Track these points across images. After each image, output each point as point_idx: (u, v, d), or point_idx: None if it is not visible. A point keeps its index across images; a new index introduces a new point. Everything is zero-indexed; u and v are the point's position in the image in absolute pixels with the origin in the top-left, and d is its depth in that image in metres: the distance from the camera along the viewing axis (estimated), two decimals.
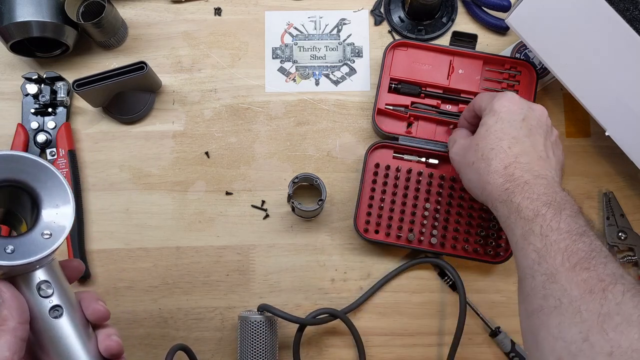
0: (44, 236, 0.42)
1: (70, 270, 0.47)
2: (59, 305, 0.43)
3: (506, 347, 0.67)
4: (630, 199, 0.71)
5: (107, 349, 0.44)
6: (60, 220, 0.43)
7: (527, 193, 0.50)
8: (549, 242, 0.46)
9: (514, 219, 0.50)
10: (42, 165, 0.43)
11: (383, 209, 0.68)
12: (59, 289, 0.43)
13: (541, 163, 0.54)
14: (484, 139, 0.56)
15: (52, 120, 0.70)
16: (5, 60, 0.73)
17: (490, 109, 0.57)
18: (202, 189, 0.71)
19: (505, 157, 0.54)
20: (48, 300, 0.43)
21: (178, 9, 0.75)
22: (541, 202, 0.49)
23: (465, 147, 0.59)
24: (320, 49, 0.74)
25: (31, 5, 0.64)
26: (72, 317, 0.43)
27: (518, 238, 0.49)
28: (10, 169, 0.42)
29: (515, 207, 0.50)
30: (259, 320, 0.62)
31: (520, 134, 0.55)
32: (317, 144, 0.72)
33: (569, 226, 0.47)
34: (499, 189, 0.52)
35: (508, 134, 0.55)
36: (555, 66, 0.62)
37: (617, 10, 0.57)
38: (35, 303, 0.42)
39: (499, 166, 0.53)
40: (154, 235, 0.70)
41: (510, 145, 0.54)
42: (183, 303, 0.69)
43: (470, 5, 0.75)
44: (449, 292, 0.69)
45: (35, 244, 0.41)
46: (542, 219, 0.48)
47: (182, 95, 0.73)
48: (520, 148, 0.54)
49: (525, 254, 0.48)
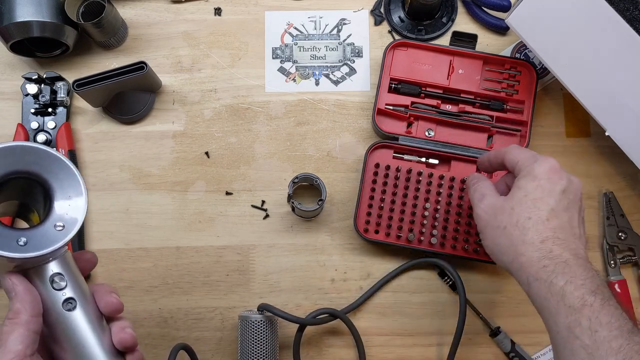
0: (57, 228, 0.42)
1: (83, 262, 0.47)
2: (73, 298, 0.43)
3: (506, 347, 0.67)
4: (630, 199, 0.71)
5: (120, 341, 0.44)
6: (73, 212, 0.43)
7: (570, 276, 0.46)
8: (599, 339, 0.42)
9: (555, 303, 0.46)
10: (55, 156, 0.43)
11: (383, 209, 0.68)
12: (72, 281, 0.43)
13: (577, 241, 0.50)
14: (520, 205, 0.51)
15: (52, 120, 0.70)
16: (5, 60, 0.73)
17: (530, 172, 0.52)
18: (202, 189, 0.71)
19: (543, 229, 0.50)
20: (61, 292, 0.43)
21: (178, 9, 0.75)
22: (587, 290, 0.45)
23: (496, 207, 0.53)
24: (320, 49, 0.74)
25: (31, 5, 0.64)
26: (85, 309, 0.43)
27: (561, 328, 0.45)
28: (23, 161, 0.42)
29: (558, 291, 0.46)
30: (259, 320, 0.62)
31: (559, 207, 0.51)
32: (317, 144, 0.72)
33: (618, 321, 0.43)
34: (536, 264, 0.48)
35: (547, 205, 0.51)
36: (555, 66, 0.62)
37: (617, 10, 0.57)
38: (49, 296, 0.42)
39: (536, 238, 0.49)
40: (154, 235, 0.70)
41: (548, 217, 0.50)
42: (183, 303, 0.69)
43: (470, 5, 0.75)
44: (449, 292, 0.69)
45: (48, 236, 0.41)
46: (589, 310, 0.44)
47: (182, 95, 0.73)
48: (558, 222, 0.50)
49: (572, 350, 0.44)
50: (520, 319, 0.69)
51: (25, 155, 0.42)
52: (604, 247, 0.70)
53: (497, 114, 0.70)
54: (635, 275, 0.70)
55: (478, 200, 0.56)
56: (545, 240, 0.49)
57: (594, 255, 0.70)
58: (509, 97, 0.70)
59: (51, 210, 0.42)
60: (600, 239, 0.71)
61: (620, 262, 0.70)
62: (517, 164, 0.54)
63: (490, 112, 0.70)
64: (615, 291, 0.68)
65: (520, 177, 0.53)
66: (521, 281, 0.51)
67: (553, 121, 0.73)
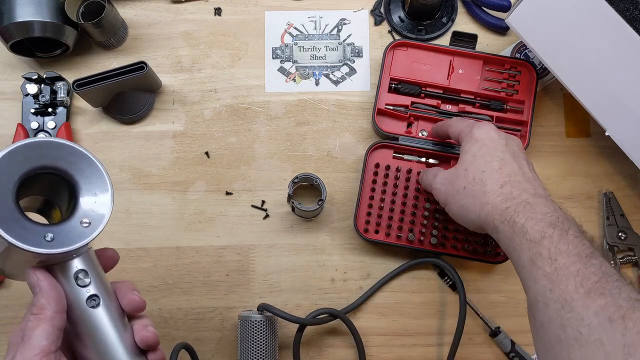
0: (83, 224, 0.42)
1: (105, 259, 0.47)
2: (96, 295, 0.43)
3: (506, 347, 0.67)
4: (630, 199, 0.71)
5: (143, 339, 0.44)
6: (99, 208, 0.43)
7: (530, 213, 0.49)
8: (559, 266, 0.44)
9: (518, 240, 0.48)
10: (82, 153, 0.43)
11: (383, 209, 0.68)
12: (95, 278, 0.43)
13: (533, 183, 0.54)
14: (472, 164, 0.56)
15: (52, 120, 0.70)
16: (5, 60, 0.73)
17: (472, 136, 0.57)
18: (202, 189, 0.71)
19: (499, 176, 0.53)
20: (85, 289, 0.43)
21: (178, 9, 0.75)
22: (546, 223, 0.47)
23: (451, 176, 0.58)
24: (320, 49, 0.74)
25: (31, 5, 0.64)
26: (108, 307, 0.44)
27: (525, 262, 0.47)
28: (50, 157, 0.42)
29: (519, 228, 0.48)
30: (259, 320, 0.62)
31: (507, 157, 0.55)
32: (317, 144, 0.72)
33: (576, 248, 0.45)
34: (499, 207, 0.51)
35: (495, 157, 0.55)
36: (555, 66, 0.62)
37: (617, 10, 0.57)
38: (73, 292, 0.42)
39: (495, 185, 0.53)
40: (154, 235, 0.70)
41: (500, 166, 0.54)
42: (183, 303, 0.69)
43: (470, 5, 0.75)
44: (449, 292, 0.69)
45: (74, 232, 0.41)
46: (549, 240, 0.46)
47: (182, 95, 0.73)
48: (510, 168, 0.54)
49: (535, 279, 0.46)
50: (520, 319, 0.69)
51: (52, 151, 0.42)
52: (604, 247, 0.70)
53: (497, 114, 0.70)
54: (635, 275, 0.70)
55: (432, 179, 0.60)
56: (504, 185, 0.53)
57: None
58: (509, 97, 0.70)
59: (77, 207, 0.42)
60: (600, 239, 0.71)
61: (620, 262, 0.70)
62: (460, 134, 0.59)
63: (490, 112, 0.70)
64: None
65: (464, 143, 0.58)
66: (490, 229, 0.52)
67: (553, 121, 0.73)
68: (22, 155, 0.41)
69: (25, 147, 0.41)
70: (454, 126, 0.61)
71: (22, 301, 0.68)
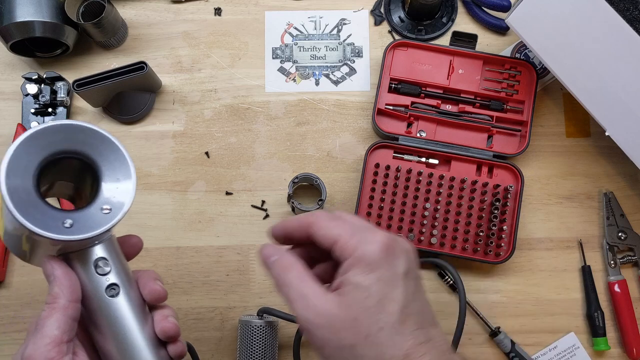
0: (104, 211, 0.40)
1: (128, 246, 0.45)
2: (116, 284, 0.42)
3: (506, 347, 0.67)
4: (630, 199, 0.71)
5: (163, 330, 0.43)
6: (121, 195, 0.42)
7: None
8: None
9: None
10: (106, 137, 0.41)
11: (383, 209, 0.68)
12: (116, 266, 0.42)
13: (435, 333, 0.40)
14: (364, 311, 0.38)
15: (52, 121, 0.70)
16: (5, 60, 0.73)
17: (361, 258, 0.39)
18: (202, 189, 0.71)
19: (401, 340, 0.38)
20: (105, 278, 0.41)
21: (178, 9, 0.75)
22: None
23: (332, 318, 0.38)
24: (320, 49, 0.74)
25: (31, 5, 0.64)
26: (129, 296, 0.42)
27: None
28: (73, 140, 0.40)
29: None
30: (259, 325, 0.62)
31: (409, 299, 0.39)
32: (317, 144, 0.72)
33: None
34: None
35: (396, 303, 0.38)
36: (555, 66, 0.62)
37: (617, 10, 0.57)
38: (92, 280, 0.41)
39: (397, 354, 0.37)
40: (154, 235, 0.70)
41: (402, 319, 0.38)
42: (183, 303, 0.69)
43: (470, 5, 0.75)
44: (449, 292, 0.69)
45: (94, 219, 0.40)
46: None
47: (182, 95, 0.73)
48: (413, 320, 0.39)
49: None
50: (520, 319, 0.69)
51: (76, 135, 0.40)
52: (604, 247, 0.70)
53: (497, 114, 0.70)
54: (635, 275, 0.70)
55: (298, 303, 0.39)
56: (408, 355, 0.38)
57: (594, 255, 0.70)
58: (509, 97, 0.70)
59: (99, 193, 0.41)
60: (600, 239, 0.71)
61: (620, 262, 0.70)
62: (337, 244, 0.40)
63: (490, 112, 0.70)
64: (615, 291, 0.68)
65: (348, 266, 0.39)
66: None
67: (553, 121, 0.73)
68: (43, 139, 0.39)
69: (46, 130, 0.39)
70: (325, 230, 0.41)
71: (22, 301, 0.68)
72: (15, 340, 0.68)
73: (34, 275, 0.68)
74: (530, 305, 0.70)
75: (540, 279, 0.70)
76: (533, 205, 0.71)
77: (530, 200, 0.71)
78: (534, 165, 0.72)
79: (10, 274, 0.69)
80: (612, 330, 0.69)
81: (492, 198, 0.68)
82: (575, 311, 0.70)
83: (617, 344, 0.69)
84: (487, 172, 0.70)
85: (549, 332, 0.69)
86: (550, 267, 0.70)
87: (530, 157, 0.72)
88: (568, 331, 0.69)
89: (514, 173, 0.69)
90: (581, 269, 0.70)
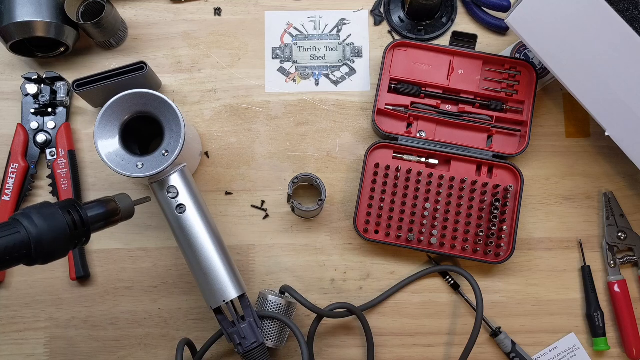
0: (164, 154, 0.58)
1: None
2: (183, 204, 0.58)
3: (507, 347, 0.67)
4: (630, 199, 0.71)
5: None
6: (174, 142, 0.58)
7: None
8: None
9: None
10: (164, 100, 0.58)
11: (383, 209, 0.68)
12: (184, 191, 0.58)
13: None
14: None
15: (52, 120, 0.70)
16: (5, 60, 0.73)
17: None
18: (202, 189, 0.71)
19: None
20: (174, 200, 0.58)
21: (178, 9, 0.75)
22: None
23: None
24: (320, 49, 0.74)
25: (31, 5, 0.64)
26: (194, 213, 0.58)
27: None
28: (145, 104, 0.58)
29: None
30: (274, 300, 0.63)
31: None
32: (317, 144, 0.72)
33: None
34: None
35: None
36: (555, 66, 0.62)
37: (617, 10, 0.57)
38: (167, 201, 0.58)
39: None
40: (154, 235, 0.70)
41: None
42: (183, 303, 0.69)
43: (470, 5, 0.75)
44: (449, 292, 0.69)
45: (157, 160, 0.57)
46: None
47: (182, 95, 0.73)
48: None
49: None
50: (521, 319, 0.69)
51: (145, 100, 0.58)
52: (604, 247, 0.70)
53: (497, 114, 0.70)
54: (635, 275, 0.70)
55: None
56: None
57: (593, 255, 0.70)
58: (508, 97, 0.70)
59: (162, 141, 0.58)
60: (600, 239, 0.71)
61: (620, 262, 0.70)
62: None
63: (490, 112, 0.70)
64: (615, 291, 0.69)
65: None
66: None
67: (553, 121, 0.73)
68: (128, 101, 0.58)
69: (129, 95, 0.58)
70: None
71: (22, 301, 0.68)
72: (15, 340, 0.68)
73: (33, 275, 0.68)
74: (530, 305, 0.70)
75: (540, 279, 0.70)
76: (533, 205, 0.71)
77: (530, 200, 0.71)
78: (533, 166, 0.72)
79: (10, 274, 0.69)
80: (612, 331, 0.69)
81: (492, 198, 0.68)
82: (575, 311, 0.70)
83: (617, 344, 0.69)
84: (487, 172, 0.70)
85: (549, 332, 0.69)
86: (550, 267, 0.70)
87: (530, 157, 0.72)
88: (568, 331, 0.69)
89: (513, 173, 0.69)
90: (581, 269, 0.70)
